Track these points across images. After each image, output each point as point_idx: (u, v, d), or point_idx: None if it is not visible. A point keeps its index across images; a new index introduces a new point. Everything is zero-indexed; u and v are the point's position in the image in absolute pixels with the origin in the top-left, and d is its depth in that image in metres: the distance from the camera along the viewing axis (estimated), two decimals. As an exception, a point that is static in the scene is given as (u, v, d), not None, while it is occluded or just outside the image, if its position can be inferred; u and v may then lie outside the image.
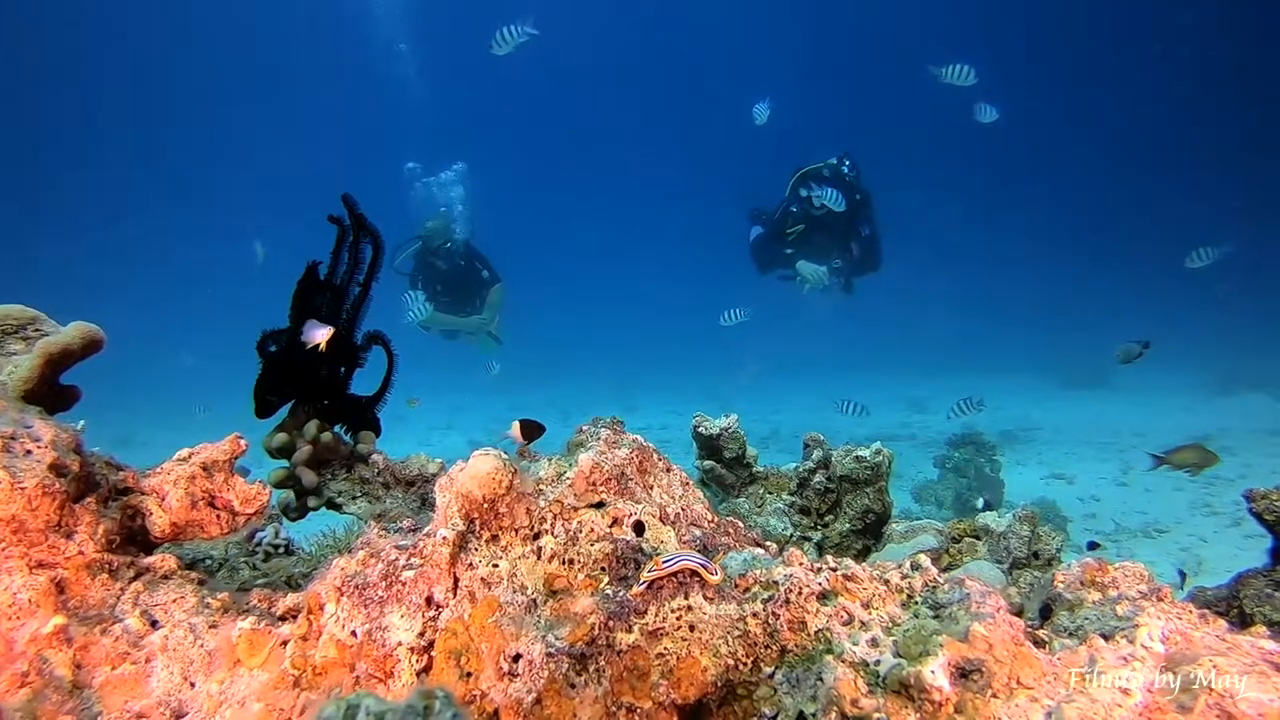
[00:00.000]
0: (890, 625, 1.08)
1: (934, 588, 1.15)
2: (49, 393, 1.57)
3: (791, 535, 2.64)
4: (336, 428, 2.12)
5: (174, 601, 1.26)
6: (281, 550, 2.11)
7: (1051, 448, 9.69)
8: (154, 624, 1.23)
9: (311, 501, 2.03)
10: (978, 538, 2.43)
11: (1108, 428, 10.25)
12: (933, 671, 0.97)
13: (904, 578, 1.17)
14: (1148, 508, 7.11)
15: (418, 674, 1.08)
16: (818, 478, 2.66)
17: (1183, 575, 3.78)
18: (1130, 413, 10.92)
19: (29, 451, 1.28)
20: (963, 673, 0.97)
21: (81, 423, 1.52)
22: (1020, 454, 9.39)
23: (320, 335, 1.86)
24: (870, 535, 2.60)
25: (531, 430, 2.21)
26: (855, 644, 1.05)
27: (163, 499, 1.43)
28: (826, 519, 2.67)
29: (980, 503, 5.25)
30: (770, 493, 2.79)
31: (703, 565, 1.16)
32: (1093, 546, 4.13)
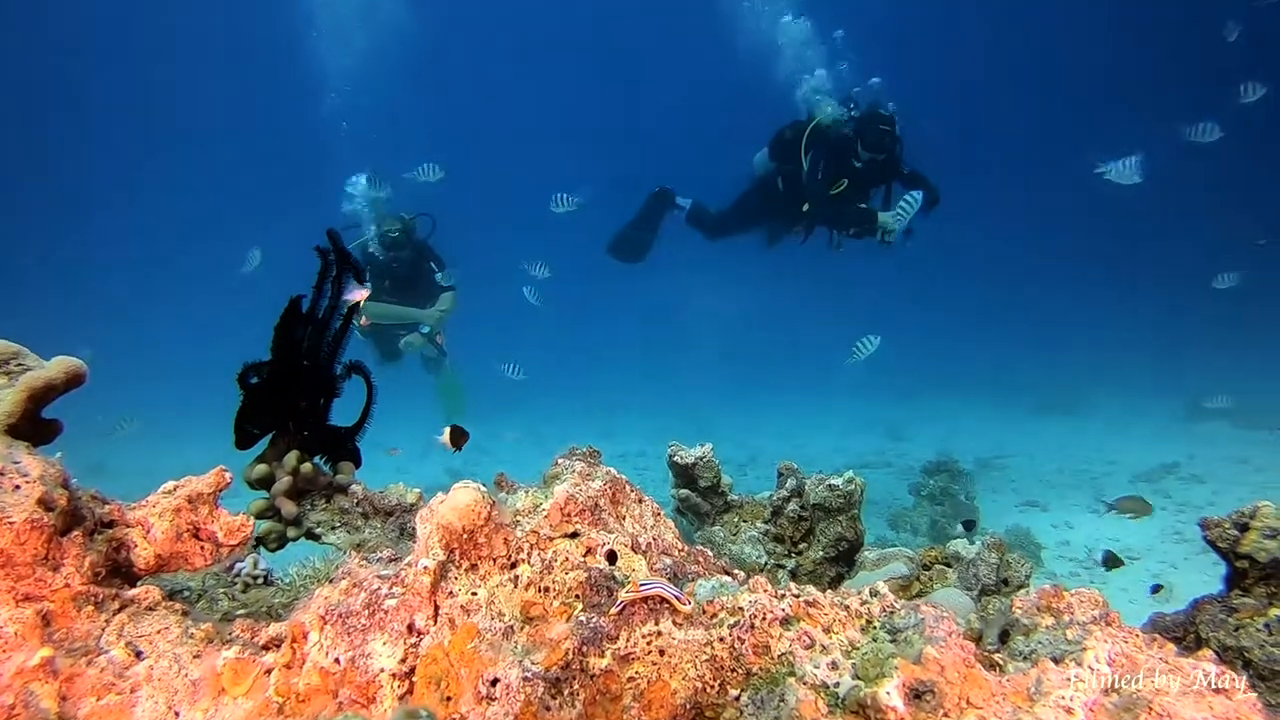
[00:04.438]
0: (849, 649, 1.14)
1: (891, 613, 1.21)
2: (31, 426, 1.59)
3: (766, 563, 2.68)
4: (316, 458, 2.15)
5: (158, 632, 1.29)
6: (260, 581, 2.13)
7: (1025, 475, 9.79)
8: (139, 655, 1.26)
9: (291, 532, 2.05)
10: (948, 565, 2.48)
11: (1080, 455, 10.40)
12: (888, 693, 1.02)
13: (863, 603, 1.22)
14: (1120, 535, 7.22)
15: (399, 699, 1.12)
16: (791, 506, 2.71)
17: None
18: (1102, 440, 11.08)
19: (17, 486, 1.31)
20: (916, 694, 1.03)
21: (59, 455, 1.55)
22: (994, 481, 9.48)
23: (359, 294, 2.02)
24: (843, 563, 2.65)
25: (459, 436, 2.71)
26: (816, 666, 1.10)
27: (148, 531, 1.46)
28: (800, 546, 2.72)
29: (958, 529, 5.25)
30: (745, 521, 2.83)
31: (675, 596, 1.21)
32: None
